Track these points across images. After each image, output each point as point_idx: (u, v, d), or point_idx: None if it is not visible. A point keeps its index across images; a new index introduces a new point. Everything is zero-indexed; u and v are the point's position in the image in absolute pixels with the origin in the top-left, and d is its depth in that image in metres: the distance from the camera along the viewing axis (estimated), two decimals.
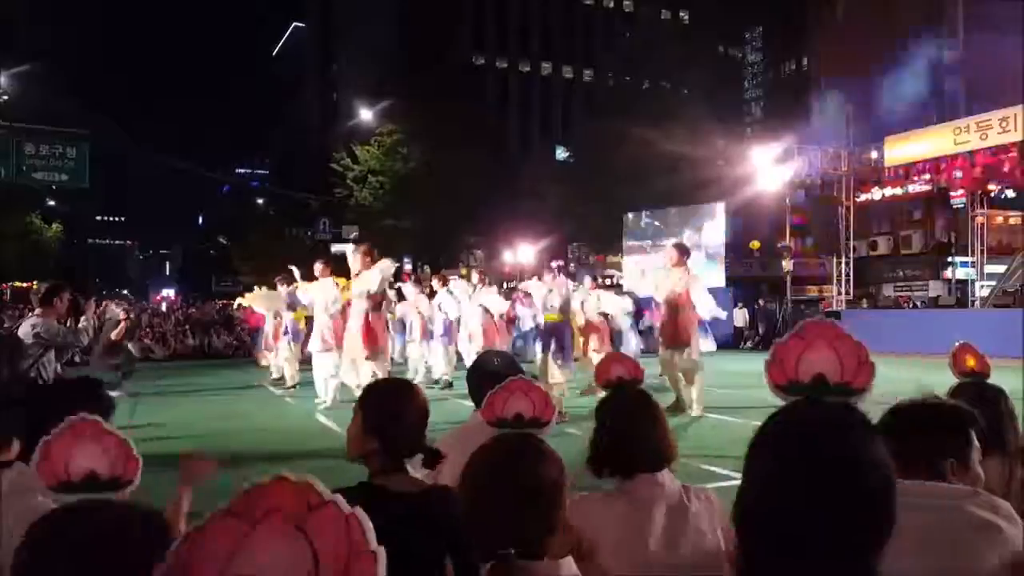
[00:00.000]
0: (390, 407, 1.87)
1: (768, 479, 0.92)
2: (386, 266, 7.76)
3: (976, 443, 1.60)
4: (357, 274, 7.60)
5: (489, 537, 1.30)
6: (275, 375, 11.40)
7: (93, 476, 1.12)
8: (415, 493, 1.77)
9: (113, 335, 7.33)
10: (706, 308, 7.85)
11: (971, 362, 2.25)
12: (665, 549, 1.77)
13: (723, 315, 9.54)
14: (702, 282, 8.17)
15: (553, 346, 8.03)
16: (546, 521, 1.33)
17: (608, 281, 12.75)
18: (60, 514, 1.09)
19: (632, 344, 10.58)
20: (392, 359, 11.13)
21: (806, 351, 1.00)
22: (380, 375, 7.15)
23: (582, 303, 9.58)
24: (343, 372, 7.84)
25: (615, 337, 10.57)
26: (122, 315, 7.92)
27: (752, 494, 0.93)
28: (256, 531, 0.56)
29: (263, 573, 0.55)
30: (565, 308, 8.36)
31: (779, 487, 0.90)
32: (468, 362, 10.29)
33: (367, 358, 6.91)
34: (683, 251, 8.12)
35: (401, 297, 11.60)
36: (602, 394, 2.09)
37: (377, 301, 7.16)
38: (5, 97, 21.73)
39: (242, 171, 71.51)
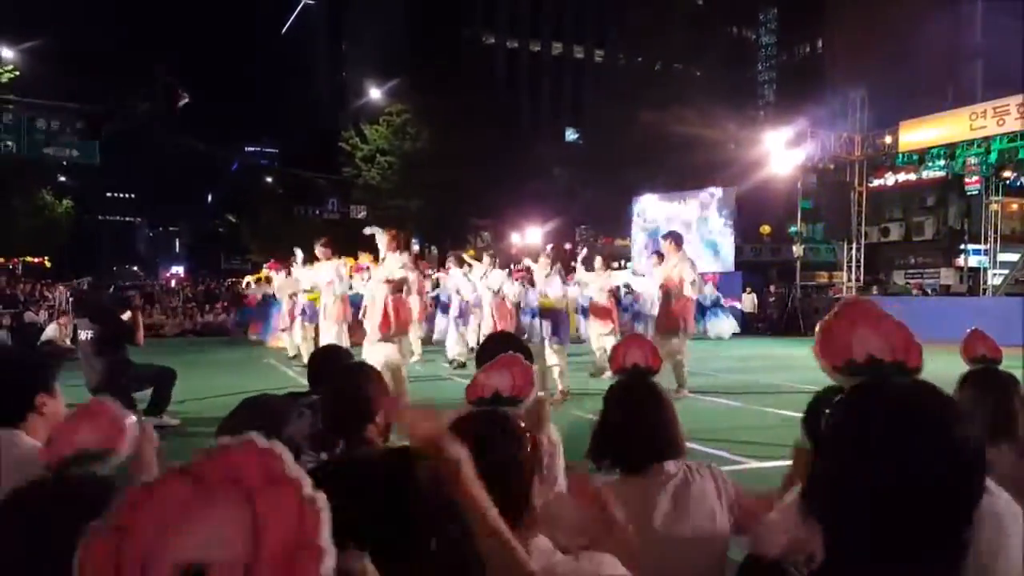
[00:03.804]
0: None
1: (860, 463, 0.85)
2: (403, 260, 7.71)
3: None
4: (383, 258, 7.52)
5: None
6: (291, 353, 11.44)
7: (82, 451, 1.12)
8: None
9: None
10: (689, 285, 7.81)
11: (982, 349, 2.23)
12: (670, 526, 1.76)
13: (705, 292, 9.50)
14: (691, 264, 8.03)
15: (549, 331, 8.01)
16: (509, 499, 1.21)
17: (616, 265, 12.72)
18: (21, 489, 1.08)
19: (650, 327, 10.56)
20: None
21: (853, 332, 0.97)
22: (402, 357, 7.20)
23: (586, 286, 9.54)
24: (364, 353, 7.83)
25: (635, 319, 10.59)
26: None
27: (840, 477, 0.87)
28: (205, 497, 0.50)
29: (200, 546, 0.49)
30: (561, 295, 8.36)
31: (872, 469, 0.84)
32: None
33: (380, 340, 6.93)
34: (677, 239, 8.10)
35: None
36: (606, 375, 2.07)
37: (398, 285, 7.11)
38: (17, 73, 21.68)
39: (251, 149, 71.36)
